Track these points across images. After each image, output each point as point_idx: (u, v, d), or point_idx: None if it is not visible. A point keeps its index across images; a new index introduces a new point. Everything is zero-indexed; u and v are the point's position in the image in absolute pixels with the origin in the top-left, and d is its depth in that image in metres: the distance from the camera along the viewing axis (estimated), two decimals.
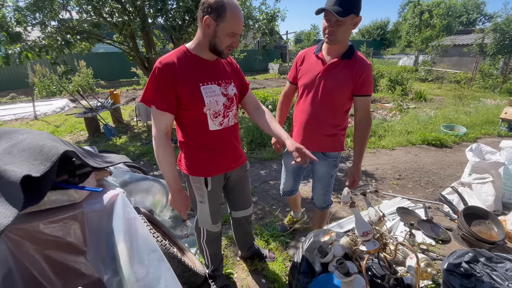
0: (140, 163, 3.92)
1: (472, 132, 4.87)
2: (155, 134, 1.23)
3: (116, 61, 13.81)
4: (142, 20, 4.01)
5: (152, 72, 1.17)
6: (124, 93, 11.03)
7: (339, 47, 1.45)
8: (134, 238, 1.22)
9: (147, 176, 2.11)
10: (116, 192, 1.29)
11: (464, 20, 24.39)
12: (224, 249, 2.13)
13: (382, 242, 1.23)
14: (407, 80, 8.74)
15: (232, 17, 1.10)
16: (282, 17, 4.76)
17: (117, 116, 5.93)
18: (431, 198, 2.87)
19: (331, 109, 1.54)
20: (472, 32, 13.89)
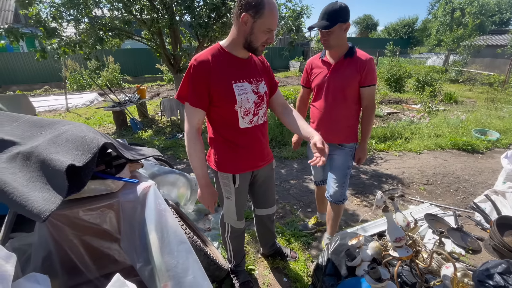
0: (164, 157, 4.04)
1: (506, 138, 4.56)
2: (187, 129, 1.25)
3: (141, 57, 14.26)
4: (170, 17, 4.11)
5: (188, 69, 1.20)
6: (149, 89, 11.38)
7: (340, 50, 1.64)
8: (165, 229, 1.26)
9: (173, 169, 2.17)
10: (149, 184, 1.34)
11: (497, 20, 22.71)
12: (246, 245, 2.15)
13: (414, 249, 1.19)
14: (437, 81, 8.31)
15: (270, 13, 1.10)
16: (308, 15, 4.68)
17: (143, 110, 6.14)
18: (461, 206, 2.73)
19: (343, 103, 1.71)
20: (507, 32, 12.98)
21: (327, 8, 1.53)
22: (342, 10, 1.51)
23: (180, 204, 2.15)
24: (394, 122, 5.58)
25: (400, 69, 9.25)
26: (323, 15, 1.54)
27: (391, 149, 4.26)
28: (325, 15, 1.53)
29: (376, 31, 38.51)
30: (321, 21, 1.54)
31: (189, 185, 2.16)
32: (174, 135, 4.96)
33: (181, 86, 1.23)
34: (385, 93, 8.58)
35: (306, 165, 3.69)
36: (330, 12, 1.52)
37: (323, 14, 1.54)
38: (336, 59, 1.67)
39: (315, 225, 2.32)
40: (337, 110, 1.73)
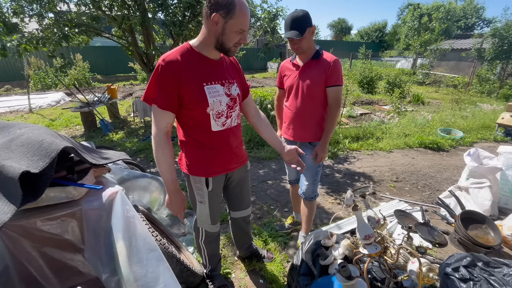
0: (136, 160, 3.88)
1: (469, 137, 4.92)
2: (155, 133, 1.20)
3: (113, 55, 13.65)
4: (142, 14, 3.96)
5: (155, 69, 1.14)
6: (121, 88, 10.92)
7: (308, 52, 1.75)
8: (133, 237, 1.20)
9: (145, 173, 2.08)
10: (115, 190, 1.27)
11: (463, 25, 24.54)
12: (222, 248, 2.11)
13: (383, 245, 1.23)
14: (405, 83, 8.79)
15: (241, 14, 1.08)
16: (283, 16, 4.73)
17: (114, 111, 5.86)
18: (428, 201, 2.89)
19: (312, 103, 1.79)
20: (471, 36, 13.98)
21: (293, 17, 1.61)
22: (306, 16, 1.61)
23: (152, 209, 2.07)
24: (366, 122, 5.81)
25: (372, 71, 9.68)
26: (291, 25, 1.61)
27: (363, 148, 4.42)
28: (293, 24, 1.61)
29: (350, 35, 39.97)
30: (291, 30, 1.61)
31: (162, 189, 2.08)
32: (147, 136, 4.78)
33: (148, 87, 1.16)
34: (358, 95, 8.92)
35: (284, 165, 3.72)
36: (298, 20, 1.60)
37: (291, 24, 1.61)
38: (304, 61, 1.77)
39: (292, 224, 2.34)
40: (306, 110, 1.81)
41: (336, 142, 4.53)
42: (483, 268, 1.55)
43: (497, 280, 1.45)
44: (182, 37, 4.42)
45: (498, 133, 5.01)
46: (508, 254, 2.12)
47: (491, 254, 2.01)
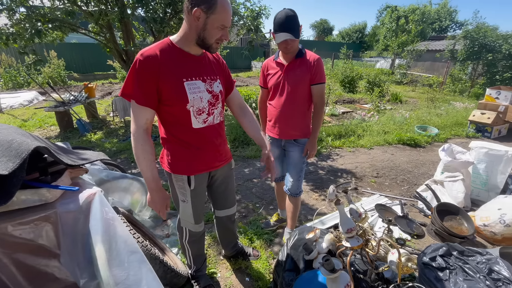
0: (117, 161, 3.75)
1: (443, 133, 5.17)
2: (134, 130, 1.16)
3: (90, 52, 13.10)
4: (120, 10, 3.83)
5: (133, 64, 1.11)
6: (100, 87, 10.52)
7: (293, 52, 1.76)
8: (113, 239, 1.16)
9: (125, 174, 2.02)
10: (93, 191, 1.22)
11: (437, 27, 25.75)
12: (207, 248, 2.09)
13: (364, 238, 1.27)
14: (384, 83, 9.10)
15: (223, 9, 1.07)
16: (267, 15, 4.75)
17: (92, 110, 5.63)
18: (407, 195, 3.01)
19: (297, 101, 1.81)
20: (444, 38, 14.69)
21: (287, 17, 1.60)
22: (296, 15, 1.63)
23: (134, 211, 2.01)
24: (348, 120, 5.96)
25: (353, 71, 9.93)
26: (286, 25, 1.60)
27: (345, 146, 4.53)
28: (287, 24, 1.60)
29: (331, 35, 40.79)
30: (285, 31, 1.60)
31: (144, 190, 2.02)
32: (128, 137, 4.63)
33: (126, 82, 1.13)
34: (340, 94, 9.12)
35: None
36: (292, 21, 1.60)
37: (286, 24, 1.60)
38: (289, 60, 1.77)
39: (277, 221, 2.36)
40: (291, 108, 1.82)
41: (320, 140, 4.60)
42: (458, 257, 1.63)
43: (471, 268, 1.53)
44: (163, 34, 4.31)
45: (469, 129, 5.31)
46: (480, 243, 2.25)
47: (465, 243, 2.13)
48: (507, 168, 2.67)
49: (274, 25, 1.65)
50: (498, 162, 2.70)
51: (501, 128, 5.13)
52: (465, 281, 1.47)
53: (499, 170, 2.71)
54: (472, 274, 1.49)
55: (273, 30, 1.68)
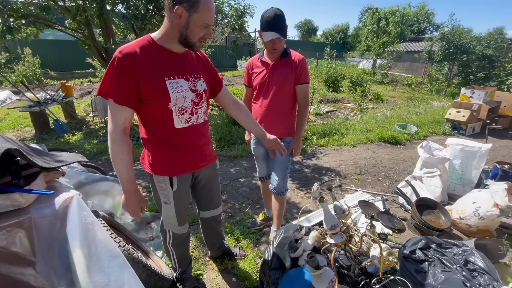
0: (97, 162, 3.62)
1: (422, 131, 5.38)
2: (111, 129, 1.11)
3: (68, 50, 12.56)
4: (99, 6, 3.69)
5: (111, 62, 1.06)
6: (79, 86, 10.11)
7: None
8: (93, 244, 1.11)
9: (106, 176, 1.95)
10: (70, 195, 1.16)
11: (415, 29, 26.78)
12: (193, 250, 2.06)
13: (348, 234, 1.29)
14: (366, 82, 9.35)
15: (206, 7, 1.04)
16: (251, 14, 4.74)
17: (70, 110, 5.40)
18: (388, 191, 3.11)
19: (282, 100, 1.83)
20: (422, 40, 15.28)
21: (274, 16, 1.59)
22: (284, 15, 1.63)
23: (115, 214, 1.94)
24: (332, 119, 6.07)
25: (337, 71, 10.13)
26: (273, 24, 1.59)
27: (329, 144, 4.62)
28: (276, 23, 1.59)
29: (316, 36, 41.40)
30: (273, 30, 1.59)
31: None
32: None
33: (103, 80, 1.08)
34: (324, 93, 9.28)
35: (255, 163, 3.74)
36: (280, 20, 1.60)
37: (273, 23, 1.59)
38: (274, 59, 1.78)
39: (263, 220, 2.36)
40: (276, 107, 1.83)
41: (305, 138, 4.66)
42: (436, 249, 1.70)
43: (448, 260, 1.61)
44: (145, 32, 4.20)
45: (446, 127, 5.55)
46: (457, 236, 2.36)
47: (443, 236, 2.23)
48: (480, 163, 2.82)
49: (262, 23, 1.64)
50: (472, 158, 2.85)
51: (475, 126, 5.40)
52: (443, 272, 1.54)
53: (473, 165, 2.85)
54: (450, 266, 1.56)
55: (260, 29, 1.67)
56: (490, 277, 1.49)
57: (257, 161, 2.16)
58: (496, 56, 9.36)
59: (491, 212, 2.18)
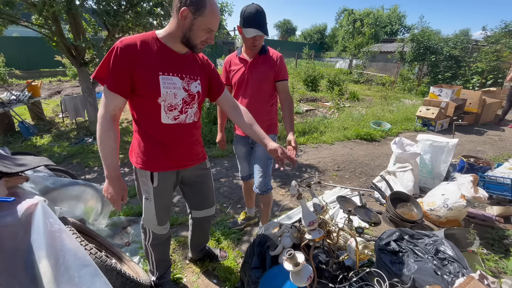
0: (68, 167, 3.42)
1: (395, 128, 5.63)
2: (102, 113, 1.13)
3: (35, 47, 11.81)
4: (67, 1, 3.48)
5: (111, 50, 1.10)
6: (47, 85, 9.53)
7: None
8: (60, 253, 1.05)
9: (76, 180, 1.84)
10: (34, 201, 1.09)
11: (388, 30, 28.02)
12: (172, 253, 2.01)
13: (325, 229, 1.31)
14: (343, 82, 9.63)
15: (211, 13, 1.08)
16: (229, 12, 4.70)
17: (37, 111, 5.07)
18: (364, 186, 3.22)
19: (262, 97, 1.82)
20: (395, 41, 16.00)
21: (256, 13, 1.58)
22: (264, 11, 1.63)
23: (87, 220, 1.84)
24: (311, 118, 6.19)
25: (315, 71, 10.34)
26: (255, 21, 1.58)
27: (309, 142, 4.70)
28: (257, 20, 1.58)
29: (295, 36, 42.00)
30: (254, 27, 1.58)
31: (99, 196, 1.87)
32: (81, 139, 4.26)
33: (100, 66, 1.11)
34: (303, 92, 9.44)
35: (236, 162, 3.72)
36: (261, 16, 1.59)
37: (255, 20, 1.58)
38: (252, 56, 1.77)
39: (244, 220, 2.36)
40: (256, 104, 1.81)
41: (285, 137, 4.71)
42: (409, 240, 1.78)
43: (420, 250, 1.69)
44: (118, 28, 4.03)
45: (417, 124, 5.85)
46: (428, 226, 2.49)
47: (415, 227, 2.34)
48: (448, 157, 3.00)
49: (243, 19, 1.60)
50: (440, 152, 3.02)
51: (443, 122, 5.74)
52: (416, 262, 1.61)
53: (441, 159, 3.02)
54: (422, 255, 1.64)
55: (241, 25, 1.63)
56: (459, 264, 1.58)
57: (238, 160, 2.13)
58: (462, 57, 10.01)
59: (459, 203, 2.32)
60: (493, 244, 2.21)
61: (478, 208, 2.73)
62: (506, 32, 9.36)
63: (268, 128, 1.89)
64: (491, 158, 4.18)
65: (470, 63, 9.68)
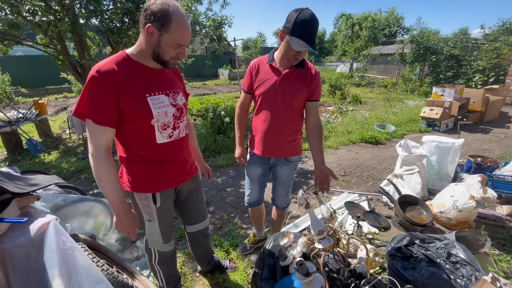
0: (76, 182, 3.47)
1: (400, 130, 5.60)
2: (93, 151, 1.07)
3: (40, 65, 12.13)
4: (72, 20, 3.59)
5: (88, 81, 1.03)
6: (53, 102, 9.73)
7: None
8: (73, 270, 1.06)
9: (85, 196, 1.87)
10: (46, 220, 1.11)
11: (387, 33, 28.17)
12: (182, 266, 2.00)
13: (335, 238, 1.31)
14: (345, 85, 9.66)
15: (178, 28, 1.03)
16: (229, 24, 4.79)
17: (44, 129, 5.17)
18: (372, 191, 3.19)
19: (291, 115, 1.60)
20: (394, 43, 16.04)
21: (312, 24, 1.33)
22: (318, 22, 1.39)
23: (98, 236, 1.86)
24: None
25: None
26: (310, 32, 1.34)
27: None
28: (312, 31, 1.35)
29: None
30: (306, 40, 1.33)
31: (108, 211, 1.89)
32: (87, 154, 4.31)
33: (80, 100, 1.03)
34: None
35: (242, 171, 3.72)
36: (316, 27, 1.36)
37: (309, 31, 1.34)
38: (287, 67, 1.53)
39: (253, 244, 2.17)
40: (284, 123, 1.60)
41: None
42: (420, 245, 1.75)
43: (432, 254, 1.66)
44: (121, 45, 4.13)
45: (422, 124, 5.82)
46: (439, 229, 2.45)
47: (426, 231, 2.30)
48: (455, 158, 2.97)
49: (294, 26, 1.32)
50: (447, 153, 2.99)
51: (448, 122, 5.69)
52: (428, 267, 1.59)
53: (448, 160, 2.99)
54: (434, 260, 1.61)
55: (288, 31, 1.36)
56: (472, 267, 1.55)
57: (250, 182, 1.85)
58: (462, 56, 9.99)
59: (468, 204, 2.28)
60: (505, 244, 2.17)
61: (488, 208, 2.69)
62: (504, 30, 9.35)
63: (293, 149, 1.70)
64: (498, 156, 4.12)
65: (471, 62, 9.65)
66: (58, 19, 3.73)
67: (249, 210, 2.03)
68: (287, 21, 1.37)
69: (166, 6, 1.00)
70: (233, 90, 13.05)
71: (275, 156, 1.70)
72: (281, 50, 1.50)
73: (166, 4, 1.01)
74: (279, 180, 1.81)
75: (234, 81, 16.54)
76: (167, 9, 1.00)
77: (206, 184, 3.35)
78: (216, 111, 4.79)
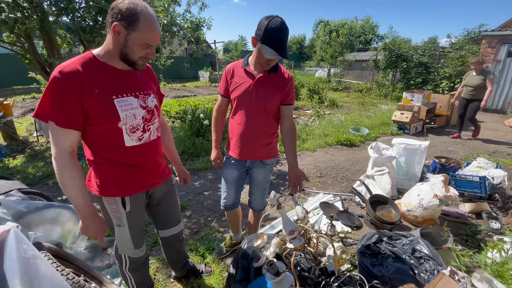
0: (43, 188, 3.28)
1: (373, 133, 5.85)
2: (57, 155, 1.03)
3: (6, 64, 11.34)
4: (40, 18, 3.42)
5: (50, 82, 0.99)
6: (20, 103, 9.13)
7: None
8: (35, 280, 1.02)
9: (51, 202, 1.78)
10: (6, 228, 1.06)
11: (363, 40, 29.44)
12: (156, 272, 1.96)
13: (306, 237, 1.35)
14: (323, 90, 9.95)
15: (146, 28, 1.02)
16: (208, 26, 4.78)
17: (10, 131, 4.84)
18: (346, 191, 3.31)
19: (266, 119, 1.63)
20: (369, 50, 16.80)
21: (282, 32, 1.37)
22: (288, 30, 1.43)
23: (65, 244, 1.77)
24: None
25: (296, 80, 10.63)
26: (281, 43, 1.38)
27: None
28: (282, 41, 1.39)
29: None
30: (276, 49, 1.37)
31: (77, 218, 1.81)
32: None
33: (42, 102, 0.99)
34: None
35: (220, 174, 3.71)
36: (285, 37, 1.40)
37: (279, 40, 1.38)
38: (261, 71, 1.56)
39: (230, 247, 2.17)
40: (259, 126, 1.63)
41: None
42: (387, 242, 1.85)
43: (398, 251, 1.76)
44: (95, 44, 3.98)
45: (393, 128, 6.12)
46: (407, 227, 2.59)
47: (394, 228, 2.43)
48: (422, 159, 3.16)
49: (264, 33, 1.36)
50: (414, 154, 3.18)
51: (417, 125, 6.04)
52: (395, 262, 1.68)
53: (415, 161, 3.19)
54: (400, 256, 1.71)
55: (260, 39, 1.38)
56: (434, 262, 1.65)
57: (226, 185, 1.86)
58: (430, 63, 10.66)
59: (432, 202, 2.44)
60: (467, 239, 2.34)
61: (452, 206, 2.88)
62: (469, 39, 10.12)
63: (269, 152, 1.73)
64: (462, 157, 4.44)
65: (439, 69, 10.31)
66: (25, 17, 3.53)
67: (226, 213, 2.04)
68: (258, 28, 1.41)
69: (133, 5, 1.00)
70: (214, 92, 12.97)
71: (251, 159, 1.73)
72: (254, 56, 1.55)
73: (134, 3, 1.00)
74: (255, 183, 1.83)
75: (215, 83, 16.46)
76: (134, 8, 0.99)
77: (183, 188, 3.30)
78: (195, 113, 4.75)
